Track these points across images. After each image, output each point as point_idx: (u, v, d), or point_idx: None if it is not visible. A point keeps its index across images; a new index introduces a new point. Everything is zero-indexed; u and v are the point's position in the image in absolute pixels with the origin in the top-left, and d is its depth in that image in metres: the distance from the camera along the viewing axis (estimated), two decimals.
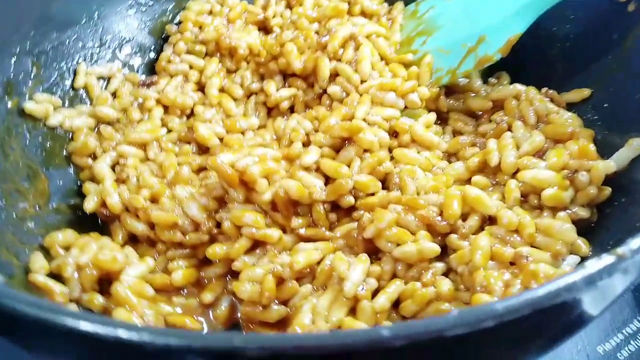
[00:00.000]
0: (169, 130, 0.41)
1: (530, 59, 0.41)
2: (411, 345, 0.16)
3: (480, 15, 0.38)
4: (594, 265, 0.16)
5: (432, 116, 0.38)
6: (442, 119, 0.41)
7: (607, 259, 0.17)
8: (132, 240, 0.35)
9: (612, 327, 0.41)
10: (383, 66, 0.40)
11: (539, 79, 0.39)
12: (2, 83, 0.36)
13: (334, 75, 0.40)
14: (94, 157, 0.39)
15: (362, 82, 0.39)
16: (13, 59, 0.37)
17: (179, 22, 0.46)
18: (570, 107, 0.38)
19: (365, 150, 0.36)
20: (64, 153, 0.39)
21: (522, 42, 0.41)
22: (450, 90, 0.41)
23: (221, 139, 0.39)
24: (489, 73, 0.43)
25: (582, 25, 0.38)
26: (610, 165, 0.30)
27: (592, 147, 0.30)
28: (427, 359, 0.18)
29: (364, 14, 0.44)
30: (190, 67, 0.43)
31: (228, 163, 0.33)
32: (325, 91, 0.40)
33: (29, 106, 0.37)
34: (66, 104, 0.40)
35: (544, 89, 0.38)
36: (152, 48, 0.46)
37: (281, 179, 0.34)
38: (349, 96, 0.38)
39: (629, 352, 0.38)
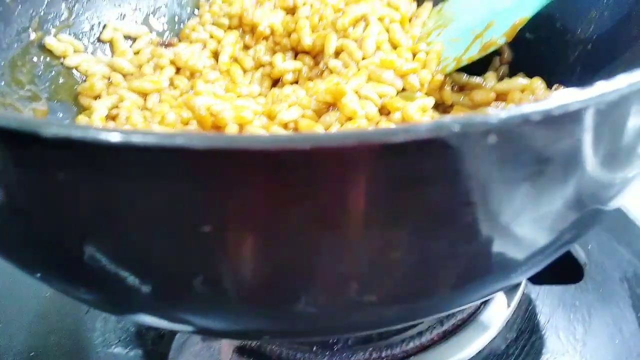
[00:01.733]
0: (175, 89, 0.42)
1: (550, 62, 0.39)
2: None
3: (495, 1, 0.36)
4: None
5: (430, 101, 0.37)
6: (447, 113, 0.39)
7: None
8: None
9: None
10: (390, 49, 0.39)
11: (557, 81, 0.37)
12: (31, 15, 0.39)
13: (341, 53, 0.40)
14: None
15: (364, 59, 0.38)
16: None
17: None
18: None
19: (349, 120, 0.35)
20: (74, 94, 0.41)
21: (545, 45, 0.39)
22: (462, 88, 0.40)
23: None
24: (509, 75, 0.41)
25: (606, 25, 0.36)
26: None
27: None
28: None
29: (389, 6, 0.44)
30: (211, 37, 0.45)
31: (204, 105, 0.33)
32: (330, 70, 0.40)
33: (50, 42, 0.40)
34: (89, 52, 0.43)
35: (555, 85, 0.35)
36: (183, 21, 0.48)
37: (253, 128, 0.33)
38: (347, 69, 0.38)
39: None
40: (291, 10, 0.47)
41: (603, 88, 0.14)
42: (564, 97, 0.14)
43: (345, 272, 0.16)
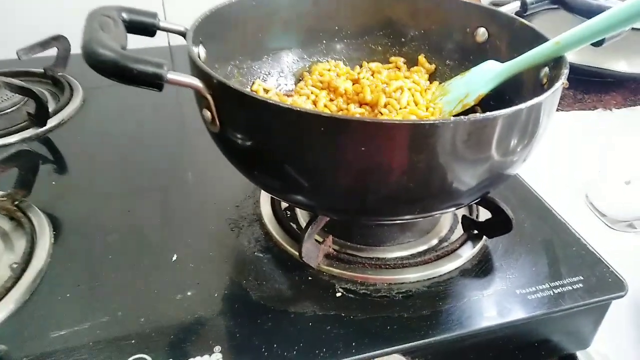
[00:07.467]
0: None
1: None
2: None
3: (471, 83, 0.69)
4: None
5: None
6: None
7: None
8: None
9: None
10: (414, 105, 0.72)
11: None
12: (224, 74, 0.73)
13: (387, 105, 0.73)
14: None
15: (401, 109, 0.71)
16: (229, 67, 0.74)
17: (310, 70, 0.82)
18: None
19: None
20: None
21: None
22: None
23: None
24: None
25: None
26: None
27: None
28: None
29: (413, 82, 0.78)
30: (312, 93, 0.78)
31: None
32: (381, 113, 0.73)
33: None
34: None
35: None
36: (293, 82, 0.82)
37: None
38: (391, 114, 0.70)
39: None
40: (356, 80, 0.80)
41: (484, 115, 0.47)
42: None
43: (398, 171, 0.48)
